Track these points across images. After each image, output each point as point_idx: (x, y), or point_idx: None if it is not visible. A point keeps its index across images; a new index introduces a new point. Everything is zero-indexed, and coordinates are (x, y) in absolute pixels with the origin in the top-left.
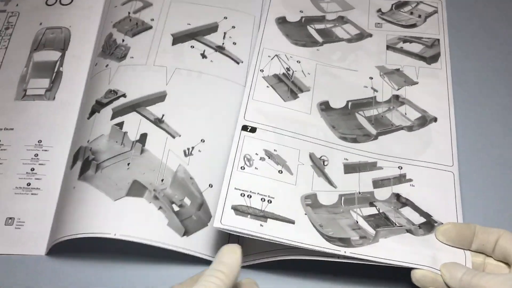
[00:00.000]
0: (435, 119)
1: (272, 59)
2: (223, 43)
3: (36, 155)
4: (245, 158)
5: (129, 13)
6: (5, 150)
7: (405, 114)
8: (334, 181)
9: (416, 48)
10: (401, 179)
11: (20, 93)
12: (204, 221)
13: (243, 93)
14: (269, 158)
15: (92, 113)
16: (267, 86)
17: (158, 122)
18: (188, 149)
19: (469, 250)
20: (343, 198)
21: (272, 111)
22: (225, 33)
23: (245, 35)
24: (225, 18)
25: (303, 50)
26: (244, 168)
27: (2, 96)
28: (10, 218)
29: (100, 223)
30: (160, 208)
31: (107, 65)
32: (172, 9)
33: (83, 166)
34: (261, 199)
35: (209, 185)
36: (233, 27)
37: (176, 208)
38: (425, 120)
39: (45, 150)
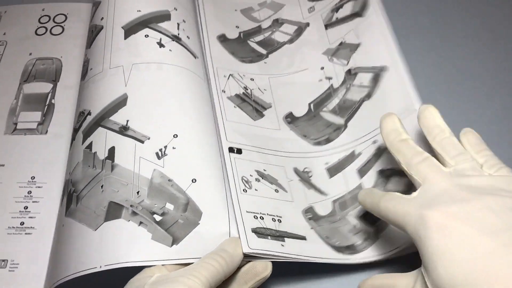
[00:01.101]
0: (384, 68)
1: (228, 79)
2: (178, 33)
3: (30, 192)
4: (243, 181)
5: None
6: None
7: (361, 83)
8: (323, 189)
9: (348, 8)
10: (379, 153)
11: (10, 127)
12: (194, 220)
13: (206, 87)
14: (262, 178)
15: (72, 142)
16: (234, 107)
17: (123, 130)
18: (161, 150)
19: None
20: (336, 204)
21: (247, 131)
22: (178, 24)
23: (195, 33)
24: (175, 9)
25: (252, 66)
26: (246, 191)
27: None
28: (3, 260)
29: (84, 259)
30: (140, 223)
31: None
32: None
33: (67, 201)
34: (272, 219)
35: (192, 180)
36: (184, 21)
37: (158, 218)
38: (377, 76)
39: (39, 187)
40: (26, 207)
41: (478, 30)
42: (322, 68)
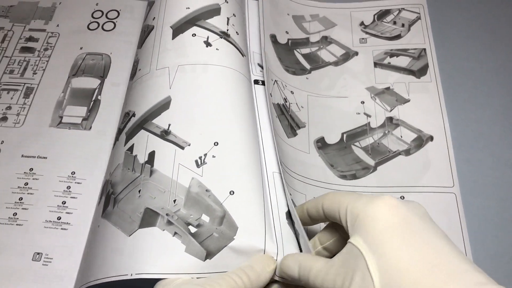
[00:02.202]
0: (431, 138)
1: (273, 84)
2: (227, 30)
3: (69, 187)
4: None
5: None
6: (37, 180)
7: (401, 137)
8: None
9: (403, 61)
10: None
11: (56, 120)
12: (229, 235)
13: (251, 88)
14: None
15: (115, 142)
16: (276, 116)
17: (164, 134)
18: (200, 157)
19: None
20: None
21: (281, 147)
22: (228, 19)
23: (244, 29)
24: (226, 2)
25: (294, 79)
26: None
27: (37, 121)
28: (38, 253)
29: (117, 264)
30: (175, 234)
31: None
32: None
33: (105, 202)
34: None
35: (230, 192)
36: (234, 15)
37: (193, 230)
38: (421, 140)
39: (78, 183)
40: (64, 202)
41: None
42: (363, 102)
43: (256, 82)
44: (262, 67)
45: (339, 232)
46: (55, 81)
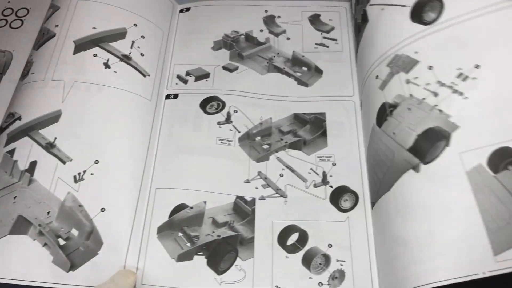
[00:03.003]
0: None
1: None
2: (130, 53)
3: None
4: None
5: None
6: None
7: None
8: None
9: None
10: None
11: None
12: (94, 250)
13: (150, 108)
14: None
15: None
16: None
17: (49, 147)
18: (79, 173)
19: None
20: None
21: None
22: (133, 42)
23: (154, 49)
24: (135, 25)
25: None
26: None
27: None
28: None
29: None
30: (45, 244)
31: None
32: (79, 9)
33: None
34: None
35: (101, 209)
36: (143, 37)
37: (62, 242)
38: None
39: None
40: None
41: None
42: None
43: (168, 97)
44: (183, 79)
45: None
46: None
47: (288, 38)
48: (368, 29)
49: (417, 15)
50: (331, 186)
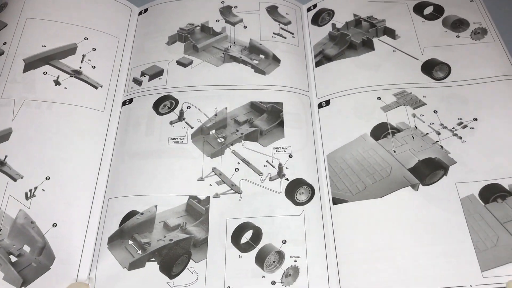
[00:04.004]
0: None
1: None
2: (80, 67)
3: None
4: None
5: None
6: None
7: None
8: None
9: None
10: None
11: None
12: (46, 265)
13: (102, 119)
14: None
15: None
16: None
17: (0, 165)
18: (31, 190)
19: None
20: None
21: None
22: (84, 56)
23: (107, 58)
24: (86, 39)
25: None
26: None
27: None
28: None
29: None
30: None
31: None
32: (28, 29)
33: None
34: None
35: (53, 224)
36: (94, 49)
37: (14, 259)
38: None
39: None
40: None
41: None
42: None
43: (124, 103)
44: (138, 81)
45: None
46: None
47: (245, 27)
48: (372, 57)
49: (427, 70)
50: (287, 179)
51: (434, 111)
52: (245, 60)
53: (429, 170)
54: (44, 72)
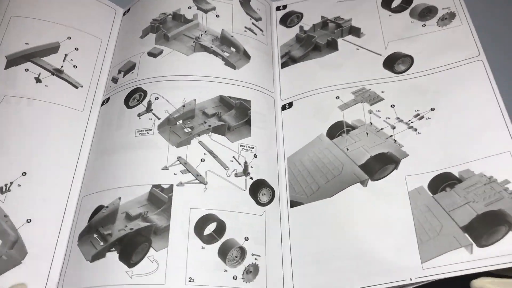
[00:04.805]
0: None
1: None
2: (62, 66)
3: None
4: None
5: None
6: None
7: None
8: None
9: None
10: None
11: None
12: (17, 259)
13: (79, 118)
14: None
15: None
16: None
17: None
18: (6, 185)
19: None
20: None
21: None
22: (66, 55)
23: (89, 59)
24: (69, 38)
25: None
26: None
27: None
28: None
29: None
30: None
31: None
32: (11, 25)
33: None
34: None
35: (27, 220)
36: (76, 49)
37: None
38: None
39: None
40: None
41: None
42: None
43: (103, 103)
44: (114, 79)
45: None
46: None
47: (217, 16)
48: (335, 57)
49: (389, 65)
50: (251, 178)
51: (391, 106)
52: (216, 51)
53: (380, 165)
54: (25, 69)
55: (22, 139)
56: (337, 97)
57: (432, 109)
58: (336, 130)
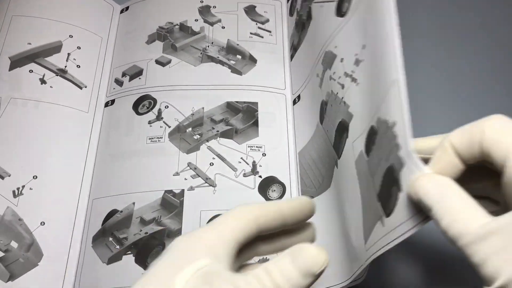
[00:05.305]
0: None
1: None
2: (65, 66)
3: None
4: None
5: None
6: None
7: None
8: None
9: None
10: None
11: None
12: (34, 261)
13: (85, 120)
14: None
15: None
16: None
17: None
18: (18, 188)
19: None
20: None
21: None
22: (69, 54)
23: (91, 58)
24: (71, 36)
25: None
26: None
27: None
28: None
29: None
30: None
31: None
32: (13, 25)
33: None
34: None
35: (41, 223)
36: (79, 47)
37: (1, 254)
38: None
39: None
40: None
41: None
42: None
43: (106, 104)
44: (119, 82)
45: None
46: None
47: (223, 27)
48: (311, 27)
49: (338, 8)
50: (260, 176)
51: (341, 60)
52: (222, 61)
53: (339, 137)
54: (30, 70)
55: (31, 142)
56: (317, 75)
57: (364, 46)
58: (322, 113)
